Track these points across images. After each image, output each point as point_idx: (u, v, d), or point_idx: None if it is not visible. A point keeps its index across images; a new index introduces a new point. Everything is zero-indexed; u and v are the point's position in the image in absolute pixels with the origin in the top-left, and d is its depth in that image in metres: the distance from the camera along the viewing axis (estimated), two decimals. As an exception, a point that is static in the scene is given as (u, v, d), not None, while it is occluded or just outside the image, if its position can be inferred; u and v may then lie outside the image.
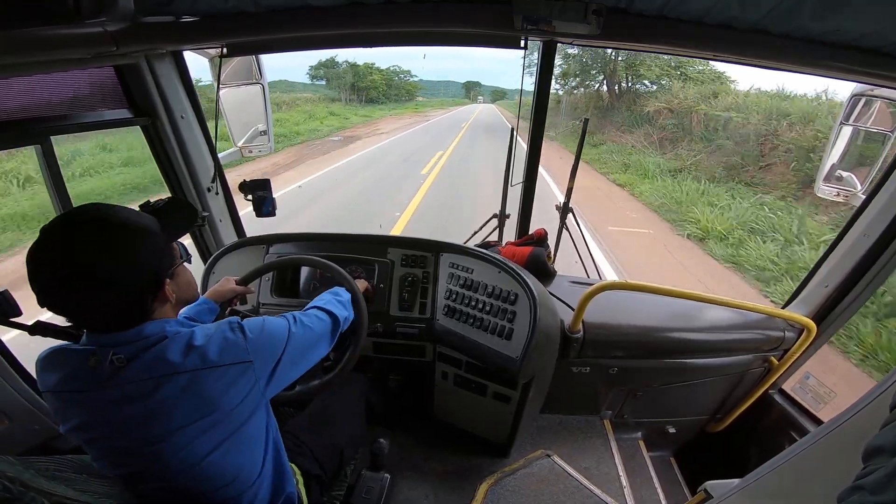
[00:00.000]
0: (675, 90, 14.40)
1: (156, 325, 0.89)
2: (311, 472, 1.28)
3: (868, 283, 1.64)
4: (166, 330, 0.89)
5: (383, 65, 53.20)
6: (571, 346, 1.74)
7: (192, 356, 0.86)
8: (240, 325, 0.95)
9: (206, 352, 0.87)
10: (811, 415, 1.89)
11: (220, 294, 1.43)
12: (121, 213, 0.86)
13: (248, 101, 1.95)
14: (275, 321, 1.05)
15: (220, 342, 0.90)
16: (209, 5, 1.27)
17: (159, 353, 0.85)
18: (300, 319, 1.12)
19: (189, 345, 0.87)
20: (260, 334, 0.97)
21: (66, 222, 0.80)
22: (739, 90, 13.03)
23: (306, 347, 1.10)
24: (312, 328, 1.13)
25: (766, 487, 0.85)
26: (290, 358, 1.03)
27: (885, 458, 0.45)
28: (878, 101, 1.60)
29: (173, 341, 0.87)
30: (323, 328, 1.17)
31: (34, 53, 1.13)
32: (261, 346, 0.96)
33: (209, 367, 0.87)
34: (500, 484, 1.86)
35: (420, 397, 2.03)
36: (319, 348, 1.16)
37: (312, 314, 1.18)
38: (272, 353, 0.98)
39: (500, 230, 2.26)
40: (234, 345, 0.91)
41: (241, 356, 0.91)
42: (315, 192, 9.56)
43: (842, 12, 1.01)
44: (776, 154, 9.58)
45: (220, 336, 0.91)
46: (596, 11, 1.22)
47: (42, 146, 1.37)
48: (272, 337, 1.00)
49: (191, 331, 0.90)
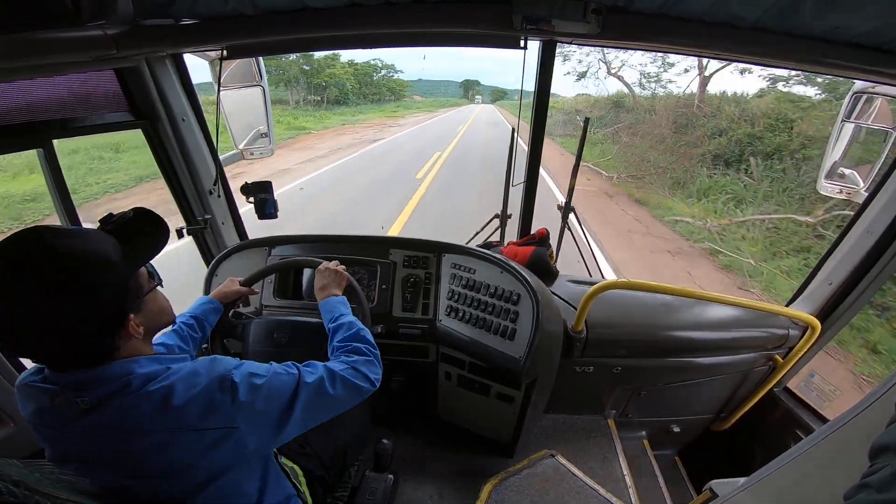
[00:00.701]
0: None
1: (122, 366, 0.78)
2: (314, 473, 1.28)
3: (872, 280, 1.63)
4: (136, 372, 0.78)
5: (383, 62, 47.09)
6: (575, 345, 1.73)
7: (170, 416, 0.77)
8: (232, 385, 0.83)
9: (186, 413, 0.78)
10: (817, 413, 1.88)
11: (225, 294, 1.45)
12: (68, 242, 0.72)
13: (249, 103, 1.95)
14: (281, 379, 0.92)
15: (203, 403, 0.80)
16: (208, 8, 1.27)
17: (131, 406, 0.76)
18: (319, 382, 0.98)
19: (166, 403, 0.77)
20: (254, 398, 0.85)
21: (1, 257, 0.69)
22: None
23: (325, 410, 1.00)
24: (334, 397, 1.00)
25: (771, 486, 0.85)
26: (300, 419, 0.92)
27: (892, 456, 0.44)
28: (880, 98, 1.60)
29: (147, 396, 0.77)
30: (351, 395, 1.04)
31: (35, 57, 1.13)
32: (252, 411, 0.84)
33: (187, 430, 0.78)
34: (505, 484, 1.85)
35: (423, 398, 2.03)
36: (345, 407, 1.05)
37: (339, 377, 1.02)
38: (268, 418, 0.88)
39: (502, 230, 2.26)
40: (219, 407, 0.81)
41: (224, 422, 0.81)
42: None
43: (842, 10, 1.01)
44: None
45: (206, 397, 0.80)
46: (595, 10, 1.22)
47: (44, 149, 1.37)
48: (270, 400, 0.88)
49: (170, 384, 0.79)
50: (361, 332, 1.22)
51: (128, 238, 0.81)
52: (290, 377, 0.94)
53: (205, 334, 1.36)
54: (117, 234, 0.81)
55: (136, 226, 0.85)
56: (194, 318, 1.34)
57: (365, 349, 1.16)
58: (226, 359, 0.90)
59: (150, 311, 0.87)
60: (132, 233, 0.83)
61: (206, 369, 0.84)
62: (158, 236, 0.88)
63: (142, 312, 0.84)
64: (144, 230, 0.86)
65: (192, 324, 1.32)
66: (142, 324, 0.83)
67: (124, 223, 0.84)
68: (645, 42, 1.38)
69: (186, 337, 1.28)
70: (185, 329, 1.29)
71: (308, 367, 1.01)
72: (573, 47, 14.64)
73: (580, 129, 2.08)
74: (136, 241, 0.83)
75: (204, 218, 1.94)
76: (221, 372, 0.84)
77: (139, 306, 0.83)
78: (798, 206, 7.35)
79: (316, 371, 1.00)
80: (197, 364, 0.85)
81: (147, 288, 0.86)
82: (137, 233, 0.84)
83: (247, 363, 0.90)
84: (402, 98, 57.98)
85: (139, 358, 0.82)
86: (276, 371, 0.93)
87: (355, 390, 1.05)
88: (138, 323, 0.81)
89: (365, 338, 1.21)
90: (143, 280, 0.86)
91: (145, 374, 0.79)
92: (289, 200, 8.09)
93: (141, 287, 0.84)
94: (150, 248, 0.86)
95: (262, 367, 0.92)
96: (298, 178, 10.76)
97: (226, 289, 1.46)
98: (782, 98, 10.05)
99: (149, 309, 0.86)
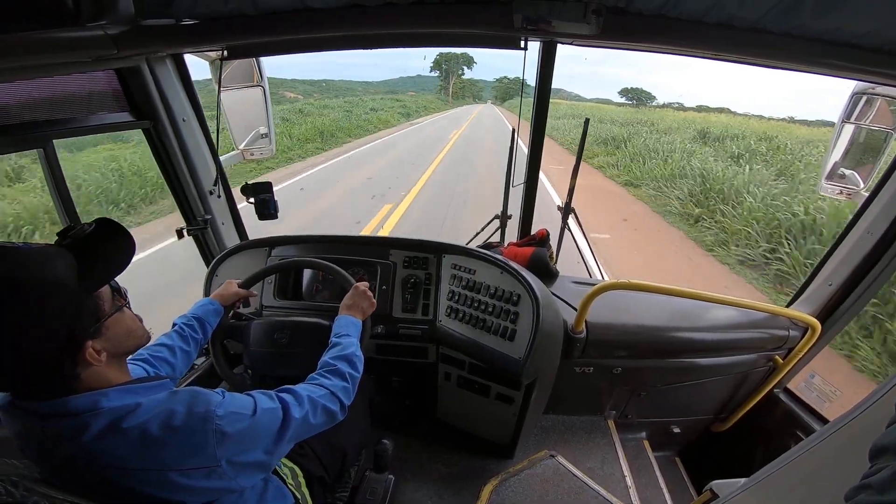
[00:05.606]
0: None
1: (84, 400, 0.72)
2: (314, 474, 1.27)
3: (872, 281, 1.63)
4: (103, 407, 0.73)
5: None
6: (575, 346, 1.73)
7: (148, 455, 0.74)
8: (214, 426, 0.78)
9: (165, 453, 0.75)
10: (817, 414, 1.88)
11: (224, 297, 1.45)
12: (4, 263, 0.66)
13: (249, 104, 1.95)
14: (267, 418, 0.88)
15: (182, 443, 0.76)
16: (209, 8, 1.27)
17: (108, 446, 0.72)
18: (305, 415, 0.96)
19: (144, 441, 0.73)
20: (239, 439, 0.82)
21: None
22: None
23: (305, 436, 1.00)
24: (314, 426, 1.00)
25: (772, 487, 0.85)
26: (285, 449, 0.93)
27: (892, 457, 0.44)
28: (880, 99, 1.60)
29: (123, 434, 0.73)
30: (327, 421, 1.05)
31: (35, 57, 1.13)
32: (236, 451, 0.82)
33: (167, 470, 0.75)
34: (505, 485, 1.85)
35: (423, 399, 2.03)
36: (320, 431, 1.05)
37: (320, 405, 1.02)
38: (253, 455, 0.85)
39: (502, 231, 2.26)
40: (200, 448, 0.77)
41: (206, 461, 0.78)
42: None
43: (843, 9, 1.01)
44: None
45: (186, 437, 0.76)
46: (595, 11, 1.21)
47: (45, 150, 1.37)
48: (256, 439, 0.86)
49: (143, 422, 0.74)
50: (354, 357, 1.22)
51: (85, 255, 0.74)
52: (275, 413, 0.90)
53: (206, 336, 1.36)
54: (75, 250, 0.74)
55: (95, 240, 0.77)
56: (195, 318, 1.34)
57: (348, 374, 1.15)
58: (208, 394, 0.84)
59: (114, 335, 0.79)
60: (90, 248, 0.76)
61: (185, 406, 0.79)
62: (120, 253, 0.80)
63: (103, 337, 0.76)
64: (104, 245, 0.78)
65: (194, 324, 1.32)
66: (104, 349, 0.76)
67: (84, 237, 0.76)
68: (645, 43, 1.38)
69: (188, 337, 1.28)
70: (186, 330, 1.29)
71: (292, 396, 0.98)
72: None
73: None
74: (94, 258, 0.75)
75: (204, 218, 1.94)
76: (202, 411, 0.79)
77: (99, 331, 0.76)
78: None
79: (301, 403, 0.97)
80: (175, 400, 0.80)
81: (109, 310, 0.78)
82: (96, 249, 0.76)
83: (229, 399, 0.85)
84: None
85: (107, 391, 0.75)
86: (263, 408, 0.88)
87: (331, 416, 1.05)
88: (99, 349, 0.74)
89: (354, 363, 1.20)
90: (105, 301, 0.78)
91: (114, 409, 0.74)
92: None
93: (100, 309, 0.77)
94: (110, 267, 0.78)
95: (246, 404, 0.87)
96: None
97: (224, 291, 1.46)
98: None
99: (113, 333, 0.78)
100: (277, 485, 1.07)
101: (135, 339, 0.86)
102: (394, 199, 8.60)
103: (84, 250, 0.74)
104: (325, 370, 1.15)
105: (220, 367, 1.48)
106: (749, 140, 13.90)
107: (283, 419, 0.91)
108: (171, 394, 0.82)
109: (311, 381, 1.10)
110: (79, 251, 0.74)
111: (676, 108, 35.30)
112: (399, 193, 9.08)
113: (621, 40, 1.38)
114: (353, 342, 1.27)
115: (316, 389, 1.05)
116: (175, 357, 1.21)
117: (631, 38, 1.35)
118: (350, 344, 1.25)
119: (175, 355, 1.21)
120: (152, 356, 1.15)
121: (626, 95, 79.74)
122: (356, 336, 1.31)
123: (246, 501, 0.92)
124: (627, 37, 1.33)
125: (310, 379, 1.11)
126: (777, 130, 16.61)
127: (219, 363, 1.48)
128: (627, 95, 78.98)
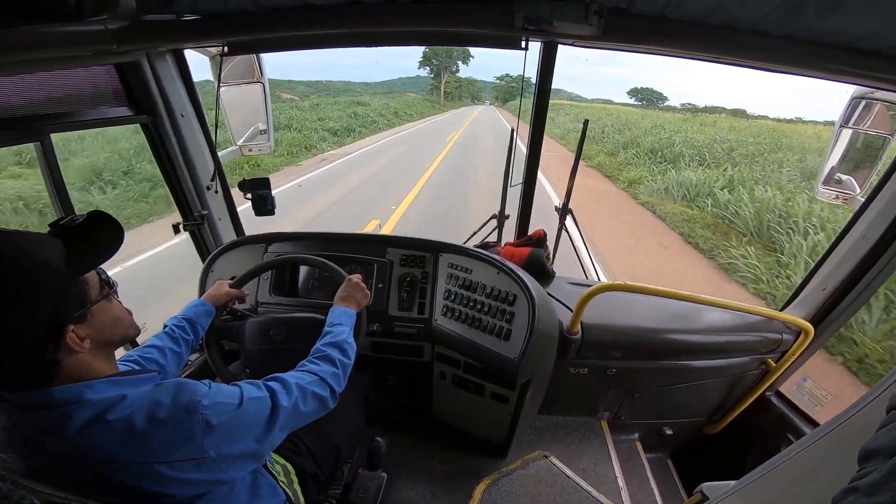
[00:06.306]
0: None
1: (68, 391, 0.73)
2: (307, 471, 1.28)
3: (866, 286, 1.64)
4: (87, 399, 0.73)
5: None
6: (570, 347, 1.74)
7: (135, 447, 0.74)
8: (201, 416, 0.78)
9: (151, 446, 0.74)
10: (808, 417, 1.89)
11: (215, 297, 1.44)
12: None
13: (249, 100, 1.95)
14: (255, 406, 0.88)
15: (169, 435, 0.76)
16: (210, 4, 1.27)
17: (94, 439, 0.72)
18: (294, 403, 0.96)
19: (131, 433, 0.73)
20: (226, 429, 0.81)
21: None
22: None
23: (296, 426, 0.99)
24: (305, 414, 0.99)
25: (762, 489, 0.86)
26: (277, 439, 0.92)
27: (881, 461, 0.45)
28: (878, 103, 1.60)
29: (108, 426, 0.73)
30: (318, 409, 1.04)
31: (35, 51, 1.12)
32: (224, 442, 0.81)
33: (153, 462, 0.75)
34: (498, 484, 1.86)
35: (418, 397, 2.03)
36: (311, 420, 1.04)
37: (309, 392, 1.01)
38: (243, 445, 0.85)
39: (500, 231, 2.26)
40: (188, 440, 0.77)
41: (194, 452, 0.77)
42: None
43: (844, 12, 1.01)
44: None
45: (172, 428, 0.76)
46: (597, 12, 1.22)
47: (42, 143, 1.37)
48: (243, 429, 0.85)
49: (128, 415, 0.74)
50: (345, 344, 1.22)
51: (74, 242, 0.76)
52: (263, 402, 0.90)
53: (197, 337, 1.35)
54: (65, 238, 0.76)
55: (86, 229, 0.80)
56: (186, 320, 1.33)
57: (338, 360, 1.15)
58: (193, 385, 0.84)
59: (99, 322, 0.79)
60: (80, 237, 0.78)
61: (170, 397, 0.79)
62: (108, 239, 0.83)
63: (88, 324, 0.77)
64: (94, 233, 0.81)
65: (184, 325, 1.31)
66: (89, 336, 0.76)
67: (74, 226, 0.79)
68: (646, 45, 1.38)
69: (178, 339, 1.27)
70: (176, 331, 1.28)
71: (280, 384, 0.97)
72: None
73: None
74: (83, 244, 0.78)
75: (201, 214, 1.93)
76: (187, 402, 0.79)
77: (84, 317, 0.76)
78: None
79: (290, 390, 0.97)
80: (160, 392, 0.80)
81: (96, 297, 0.80)
82: (84, 237, 0.79)
83: (215, 389, 0.85)
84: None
85: (93, 382, 0.75)
86: (250, 397, 0.88)
87: (321, 402, 1.05)
88: (83, 336, 0.75)
89: (345, 350, 1.20)
90: (91, 288, 0.79)
91: (99, 401, 0.74)
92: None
93: (86, 295, 0.78)
94: (95, 254, 0.80)
95: (233, 394, 0.87)
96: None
97: (216, 292, 1.45)
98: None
99: (98, 321, 0.79)
100: (269, 482, 1.06)
101: (122, 329, 0.86)
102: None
103: (74, 238, 0.77)
104: (314, 356, 1.15)
105: (215, 366, 1.47)
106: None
107: (272, 407, 0.91)
108: (157, 386, 0.82)
109: (300, 367, 1.10)
110: (69, 238, 0.76)
111: (690, 110, 34.02)
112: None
113: (622, 42, 1.38)
114: (344, 330, 1.26)
115: (304, 376, 1.05)
116: (165, 358, 1.21)
117: (632, 40, 1.35)
118: (341, 332, 1.25)
119: (165, 356, 1.21)
120: (142, 357, 1.15)
121: (635, 96, 77.60)
122: (349, 325, 1.31)
123: (237, 498, 0.91)
124: (629, 38, 1.34)
125: (299, 366, 1.11)
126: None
127: (214, 362, 1.47)
128: (637, 96, 77.00)
